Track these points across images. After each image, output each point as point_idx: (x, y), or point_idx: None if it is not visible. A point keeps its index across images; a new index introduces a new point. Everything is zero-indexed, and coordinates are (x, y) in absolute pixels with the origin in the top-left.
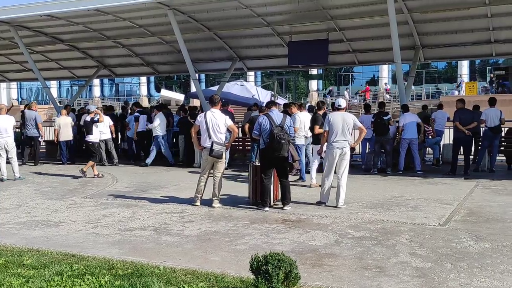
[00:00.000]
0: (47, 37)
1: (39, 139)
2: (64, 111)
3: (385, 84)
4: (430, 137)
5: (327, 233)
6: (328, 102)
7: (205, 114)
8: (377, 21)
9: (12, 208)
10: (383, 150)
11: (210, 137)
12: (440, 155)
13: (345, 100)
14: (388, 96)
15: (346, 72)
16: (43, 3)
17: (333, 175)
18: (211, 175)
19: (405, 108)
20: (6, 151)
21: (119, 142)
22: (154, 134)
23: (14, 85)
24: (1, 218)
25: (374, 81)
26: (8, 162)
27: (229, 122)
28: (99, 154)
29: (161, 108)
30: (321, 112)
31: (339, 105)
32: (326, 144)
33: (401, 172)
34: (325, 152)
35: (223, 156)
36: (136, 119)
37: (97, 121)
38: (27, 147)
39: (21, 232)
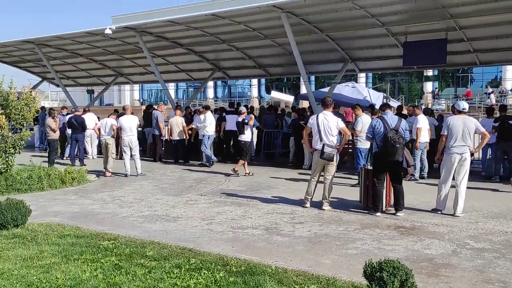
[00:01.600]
0: (167, 41)
1: (161, 137)
2: (178, 112)
3: (487, 87)
4: None
5: (444, 242)
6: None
7: (317, 116)
8: (503, 19)
9: (135, 202)
10: (506, 157)
11: (321, 140)
12: None
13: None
14: (493, 100)
15: (464, 73)
16: (165, 9)
17: (450, 182)
18: (322, 177)
19: None
20: (130, 149)
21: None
22: (201, 133)
23: (136, 87)
24: (126, 211)
25: (496, 82)
26: (131, 159)
27: (341, 124)
28: (249, 153)
29: (208, 109)
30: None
31: (463, 108)
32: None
33: None
34: (442, 157)
35: (334, 159)
36: (223, 119)
37: (247, 122)
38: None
39: (143, 225)
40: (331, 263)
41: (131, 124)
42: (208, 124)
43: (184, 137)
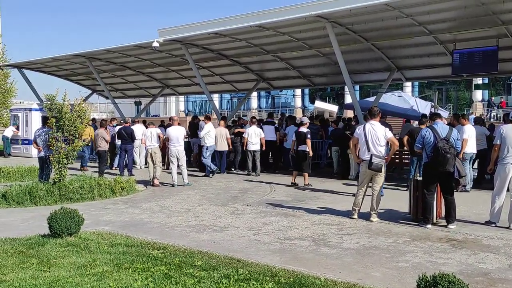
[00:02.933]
0: (213, 53)
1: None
2: (222, 123)
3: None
4: None
5: (500, 256)
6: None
7: (364, 126)
8: None
9: (183, 212)
10: None
11: (369, 150)
12: None
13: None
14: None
15: None
16: (210, 21)
17: (505, 194)
18: (369, 188)
19: None
20: (178, 159)
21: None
22: (201, 144)
23: (182, 98)
24: (174, 220)
25: None
26: (178, 169)
27: (389, 134)
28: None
29: (209, 119)
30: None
31: None
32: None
33: None
34: (495, 168)
35: (383, 170)
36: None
37: (309, 136)
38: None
39: (191, 234)
40: (381, 276)
41: (178, 134)
42: (204, 135)
43: (228, 149)
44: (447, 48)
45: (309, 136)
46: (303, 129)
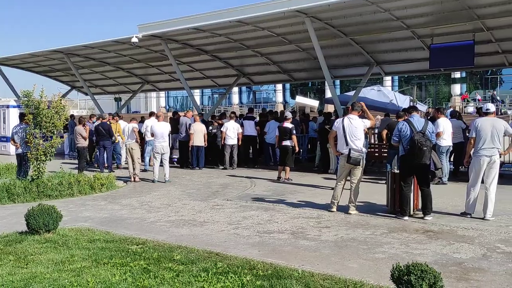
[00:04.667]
0: (193, 48)
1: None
2: (197, 118)
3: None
4: None
5: (474, 246)
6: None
7: (342, 120)
8: None
9: (163, 207)
10: None
11: (347, 144)
12: None
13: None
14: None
15: (493, 74)
16: (190, 17)
17: (479, 185)
18: (348, 181)
19: None
20: (161, 155)
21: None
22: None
23: (162, 94)
24: (154, 216)
25: None
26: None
27: (367, 123)
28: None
29: (152, 115)
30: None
31: (487, 109)
32: (472, 152)
33: None
34: (471, 160)
35: (361, 163)
36: (241, 125)
37: (293, 132)
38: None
39: (171, 229)
40: (358, 267)
41: (163, 130)
42: (144, 130)
43: (204, 144)
44: (425, 42)
45: (294, 131)
46: (287, 124)
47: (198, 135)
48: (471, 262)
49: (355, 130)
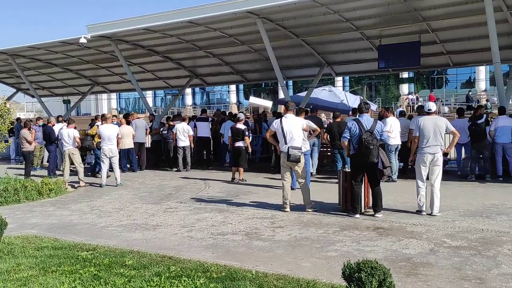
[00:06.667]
0: (144, 49)
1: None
2: (123, 120)
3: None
4: None
5: (422, 241)
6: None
7: (280, 120)
8: (473, 21)
9: (114, 212)
10: (481, 156)
11: (286, 142)
12: None
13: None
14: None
15: (439, 74)
16: (141, 17)
17: (425, 181)
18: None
19: (501, 111)
20: (110, 158)
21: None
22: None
23: (113, 95)
24: (105, 221)
25: (470, 83)
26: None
27: (306, 124)
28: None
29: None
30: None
31: (429, 109)
32: (416, 149)
33: (501, 178)
34: (415, 158)
35: (301, 160)
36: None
37: (249, 133)
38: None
39: (123, 234)
40: (311, 266)
41: (111, 133)
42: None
43: (131, 147)
44: (374, 43)
45: (247, 133)
46: (240, 125)
47: (128, 138)
48: (420, 257)
49: (292, 129)
